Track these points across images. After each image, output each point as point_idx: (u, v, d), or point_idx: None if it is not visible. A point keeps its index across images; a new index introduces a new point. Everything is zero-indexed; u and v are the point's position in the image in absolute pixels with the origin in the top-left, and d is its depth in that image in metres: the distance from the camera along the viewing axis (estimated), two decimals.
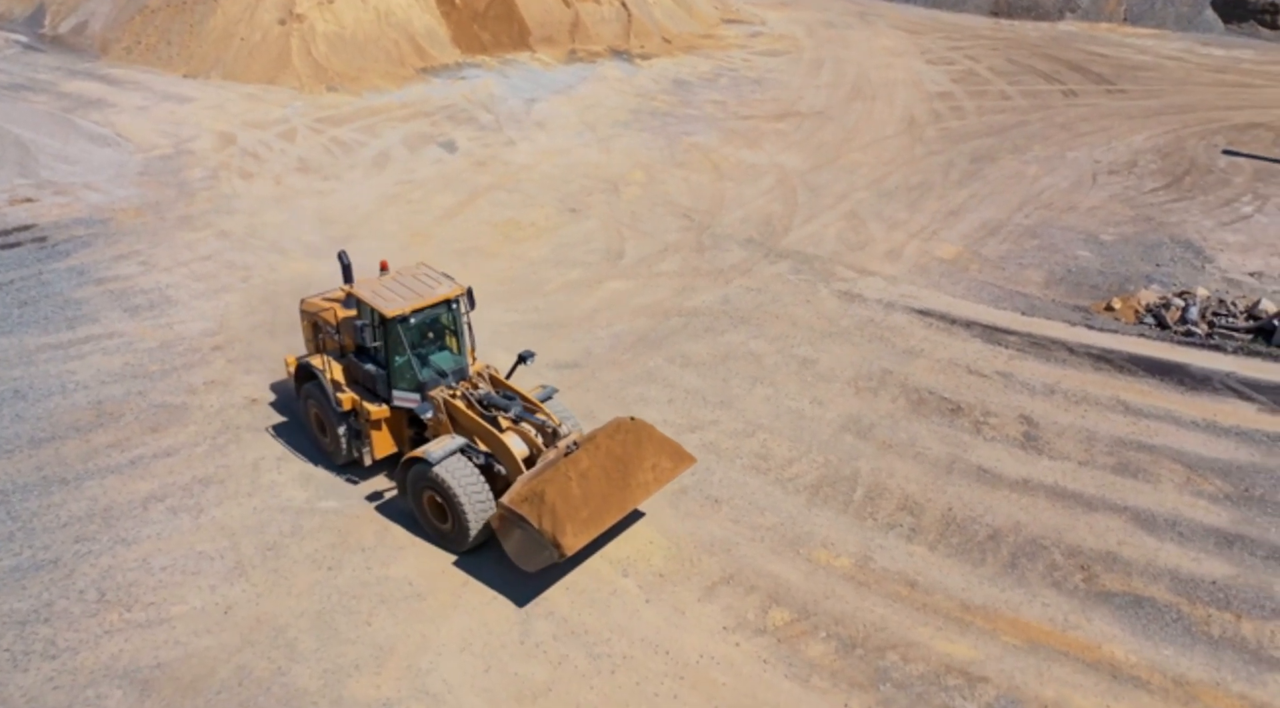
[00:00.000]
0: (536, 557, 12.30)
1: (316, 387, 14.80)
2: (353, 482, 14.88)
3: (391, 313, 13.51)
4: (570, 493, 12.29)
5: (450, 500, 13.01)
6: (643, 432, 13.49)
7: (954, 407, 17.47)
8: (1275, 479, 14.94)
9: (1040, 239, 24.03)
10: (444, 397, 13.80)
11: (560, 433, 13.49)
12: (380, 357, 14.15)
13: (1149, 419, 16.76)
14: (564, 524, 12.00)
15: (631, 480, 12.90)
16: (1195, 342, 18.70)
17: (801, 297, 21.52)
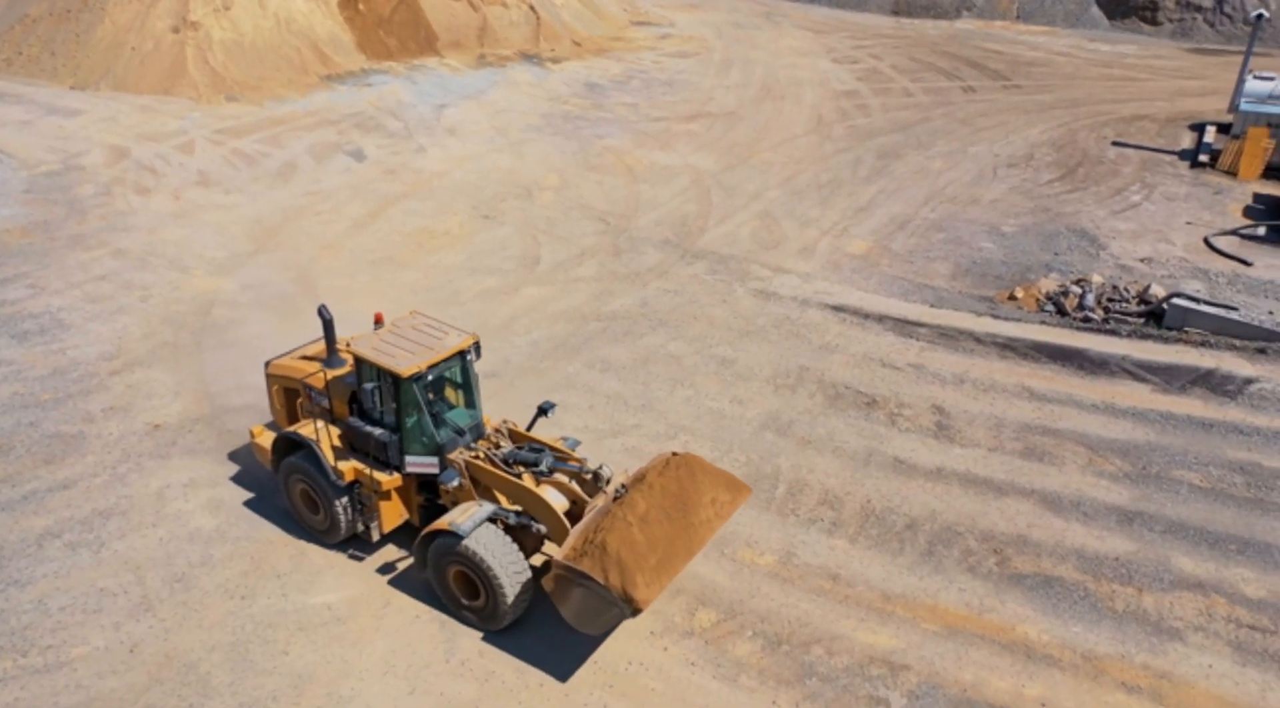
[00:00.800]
0: (603, 617, 11.05)
1: (306, 459, 13.04)
2: (357, 559, 13.44)
3: (407, 372, 11.99)
4: (634, 541, 10.97)
5: (484, 575, 11.77)
6: (694, 465, 12.26)
7: (869, 400, 17.84)
8: (1169, 456, 15.67)
9: (946, 232, 24.74)
10: (465, 459, 12.55)
11: (602, 476, 12.42)
12: (389, 420, 12.67)
13: (1052, 404, 17.40)
14: (633, 576, 10.67)
15: (693, 519, 11.63)
16: (1092, 327, 19.49)
17: (718, 297, 21.70)
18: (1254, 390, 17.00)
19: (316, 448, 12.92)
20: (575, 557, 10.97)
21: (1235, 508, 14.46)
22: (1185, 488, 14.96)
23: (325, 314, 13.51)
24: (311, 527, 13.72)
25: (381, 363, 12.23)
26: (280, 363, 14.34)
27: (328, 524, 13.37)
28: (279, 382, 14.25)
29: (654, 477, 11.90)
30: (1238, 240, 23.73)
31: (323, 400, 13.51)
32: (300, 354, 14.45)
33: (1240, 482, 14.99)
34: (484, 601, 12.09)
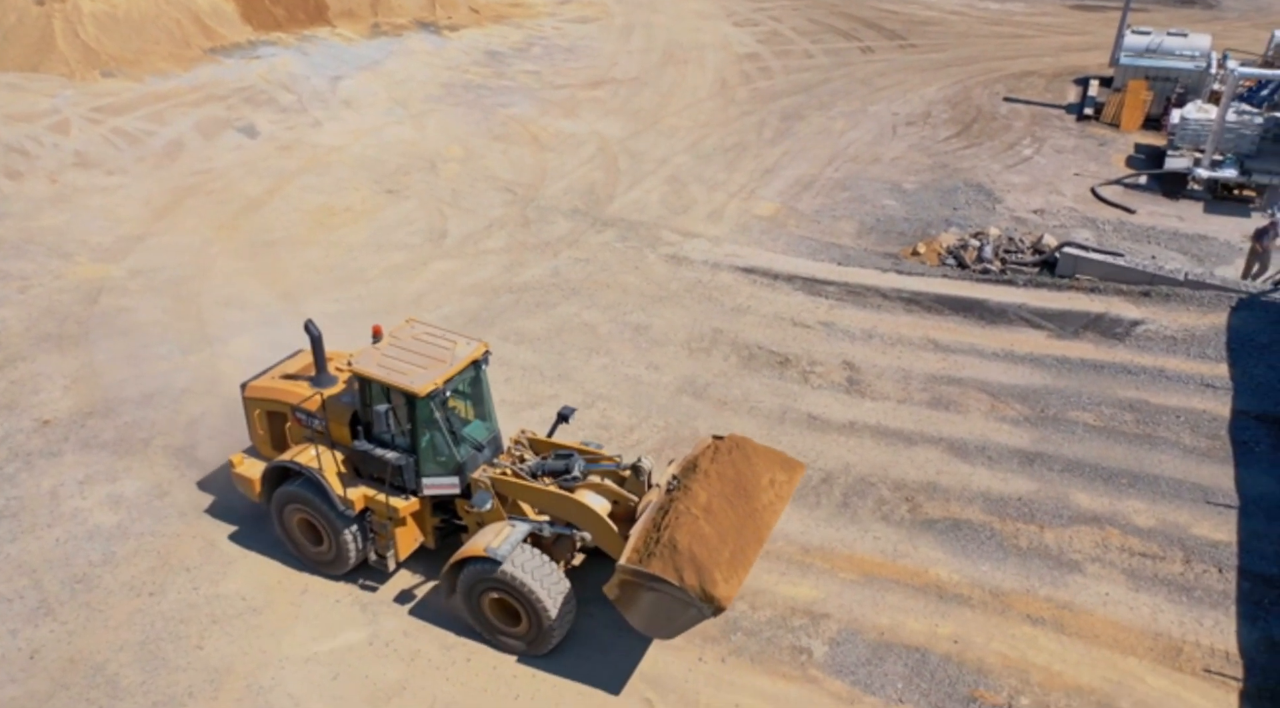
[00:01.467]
0: (678, 620, 10.29)
1: (306, 487, 12.05)
2: (370, 589, 12.58)
3: (424, 390, 11.08)
4: (703, 534, 10.23)
5: (527, 601, 11.08)
6: (746, 447, 11.66)
7: (782, 359, 18.13)
8: (1065, 399, 16.40)
9: (850, 191, 25.18)
10: (491, 476, 11.83)
11: (643, 468, 11.64)
12: (402, 442, 11.80)
13: (956, 354, 17.99)
14: (710, 573, 9.95)
15: (756, 504, 11.02)
16: (991, 278, 20.17)
17: (630, 264, 21.66)
18: (1140, 332, 17.89)
19: (319, 477, 11.91)
20: (641, 559, 10.16)
21: (1126, 444, 15.25)
22: (1080, 428, 15.69)
23: (313, 330, 12.22)
24: (312, 559, 12.65)
25: (394, 382, 11.21)
26: (260, 385, 13.01)
27: (333, 555, 12.38)
28: (260, 406, 12.91)
29: (707, 464, 11.18)
30: (1122, 189, 24.82)
31: (316, 423, 12.33)
32: (280, 373, 13.19)
33: (1130, 419, 15.80)
34: (527, 626, 11.35)
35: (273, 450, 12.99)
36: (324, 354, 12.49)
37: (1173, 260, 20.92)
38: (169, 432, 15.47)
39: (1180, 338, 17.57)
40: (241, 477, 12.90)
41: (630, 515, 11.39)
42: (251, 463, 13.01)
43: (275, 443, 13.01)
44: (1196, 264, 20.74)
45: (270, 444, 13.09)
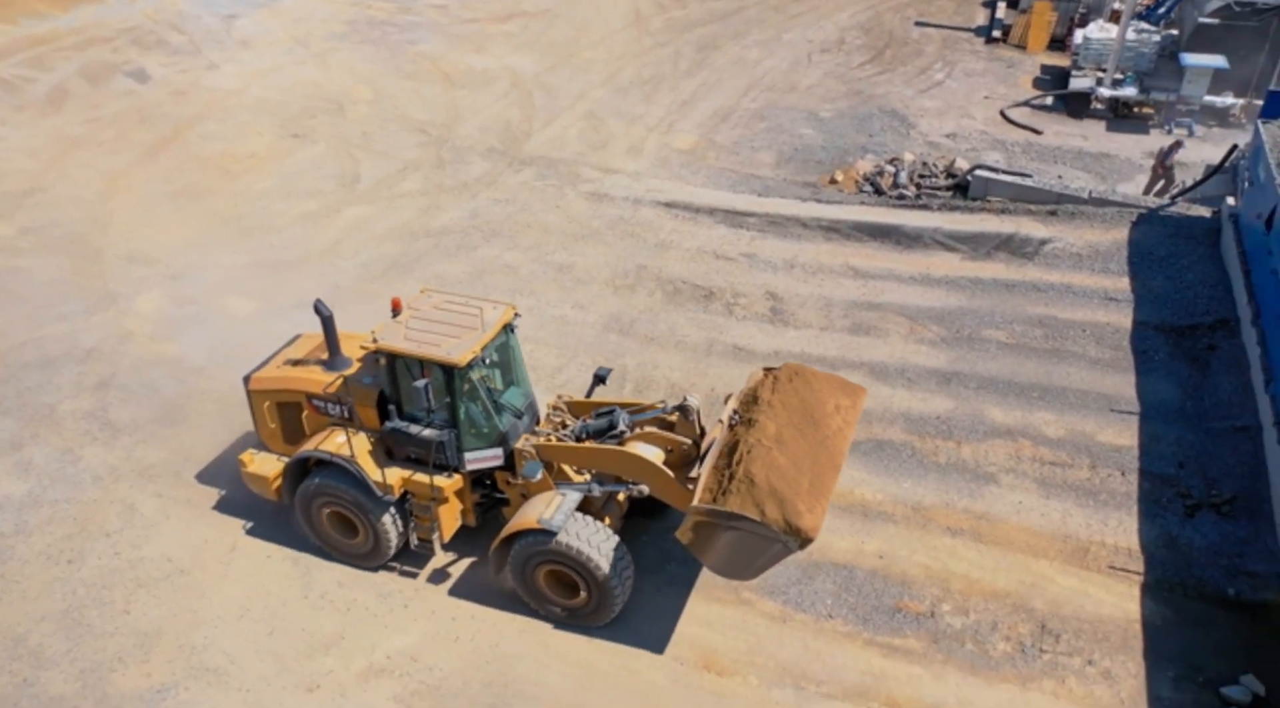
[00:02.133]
0: (761, 557, 9.79)
1: (335, 478, 11.39)
2: (410, 575, 11.99)
3: (463, 359, 10.53)
4: (779, 465, 9.74)
5: (585, 569, 10.73)
6: (806, 374, 11.13)
7: (707, 292, 18.22)
8: (978, 318, 16.90)
9: (768, 121, 25.13)
10: (535, 444, 11.32)
11: (690, 407, 11.17)
12: (439, 417, 11.22)
13: (875, 280, 18.32)
14: (793, 504, 9.44)
15: (825, 431, 10.52)
16: (907, 203, 20.51)
17: (550, 203, 21.36)
18: (1048, 250, 18.47)
19: (351, 465, 11.25)
20: (715, 499, 9.69)
21: (1036, 359, 15.84)
22: (994, 346, 16.23)
23: (323, 310, 11.49)
24: (347, 552, 12.01)
25: (429, 355, 10.65)
26: (267, 376, 12.14)
27: (370, 545, 11.76)
28: (270, 397, 12.02)
29: (769, 395, 10.69)
30: (1029, 111, 25.33)
31: (337, 410, 11.70)
32: (283, 360, 12.35)
33: (1040, 335, 16.38)
34: (586, 596, 11.03)
35: (286, 445, 12.19)
36: (336, 335, 11.78)
37: (1078, 179, 21.53)
38: (76, 395, 14.88)
39: (1085, 254, 18.20)
40: (256, 476, 11.98)
41: (686, 461, 11.06)
42: (264, 460, 12.15)
43: (289, 436, 12.16)
44: (1100, 182, 21.39)
45: (283, 438, 12.21)
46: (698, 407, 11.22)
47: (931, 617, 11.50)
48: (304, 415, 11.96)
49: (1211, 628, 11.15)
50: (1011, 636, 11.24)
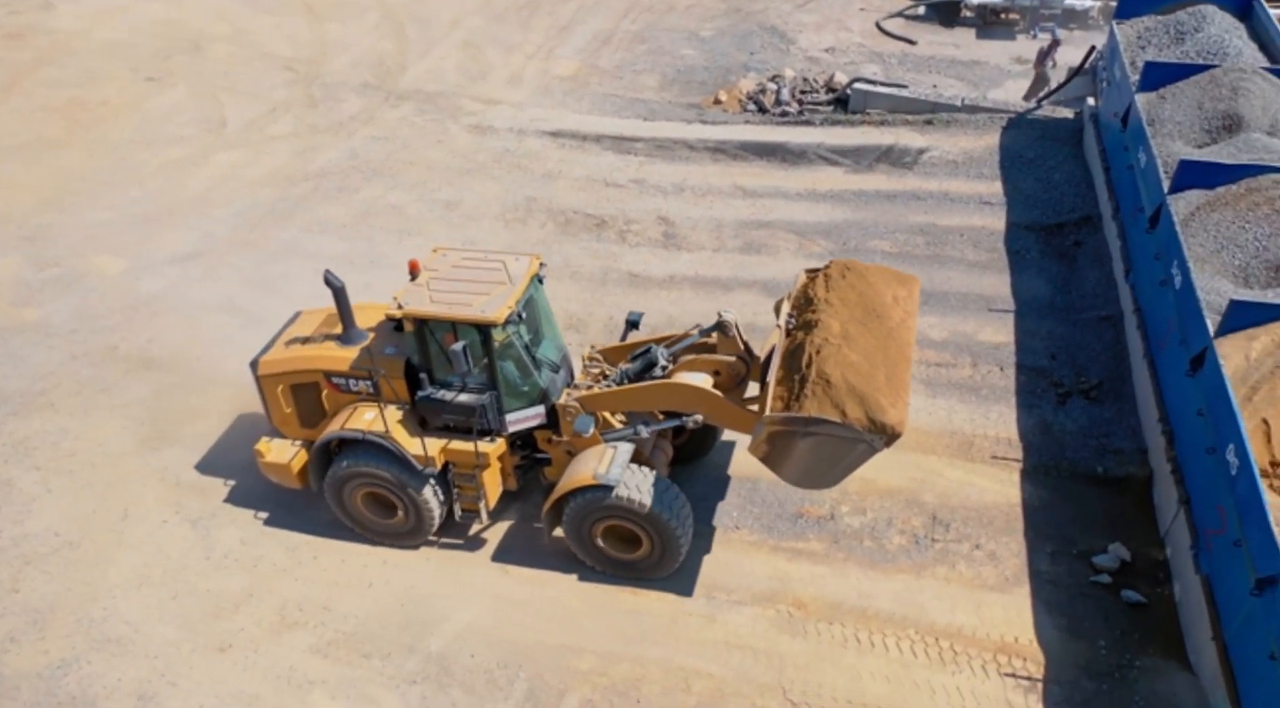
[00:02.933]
0: (844, 460, 9.25)
1: (367, 457, 10.91)
2: (451, 546, 11.57)
3: (500, 316, 10.03)
4: (852, 363, 9.11)
5: (647, 521, 10.49)
6: (857, 268, 10.43)
7: (599, 221, 18.12)
8: (864, 230, 17.33)
9: (649, 43, 24.78)
10: (579, 398, 10.79)
11: (728, 323, 10.59)
12: (475, 380, 10.74)
13: (763, 198, 18.53)
14: (875, 400, 8.85)
15: (889, 323, 9.91)
16: (790, 120, 20.67)
17: (432, 138, 20.72)
18: (925, 159, 18.97)
19: (388, 441, 10.76)
20: (788, 406, 9.06)
21: (919, 266, 16.37)
22: (879, 256, 16.69)
23: (334, 281, 10.87)
24: (384, 532, 11.60)
25: (461, 316, 10.15)
26: (276, 358, 11.40)
27: (412, 523, 11.39)
28: (283, 380, 11.31)
29: (824, 293, 10.08)
30: (904, 21, 25.63)
31: (359, 385, 11.12)
32: (288, 340, 11.64)
33: (921, 242, 16.94)
34: (648, 548, 10.82)
35: (303, 429, 11.58)
36: (349, 307, 11.16)
37: (952, 87, 22.04)
38: None
39: (960, 161, 18.79)
40: (275, 465, 11.38)
41: (737, 379, 10.73)
42: (281, 447, 11.51)
43: (306, 419, 11.51)
44: (972, 89, 21.95)
45: (300, 422, 11.56)
46: (734, 320, 10.68)
47: (831, 519, 12.04)
48: (323, 395, 11.30)
49: (1083, 504, 12.02)
50: (905, 529, 11.88)
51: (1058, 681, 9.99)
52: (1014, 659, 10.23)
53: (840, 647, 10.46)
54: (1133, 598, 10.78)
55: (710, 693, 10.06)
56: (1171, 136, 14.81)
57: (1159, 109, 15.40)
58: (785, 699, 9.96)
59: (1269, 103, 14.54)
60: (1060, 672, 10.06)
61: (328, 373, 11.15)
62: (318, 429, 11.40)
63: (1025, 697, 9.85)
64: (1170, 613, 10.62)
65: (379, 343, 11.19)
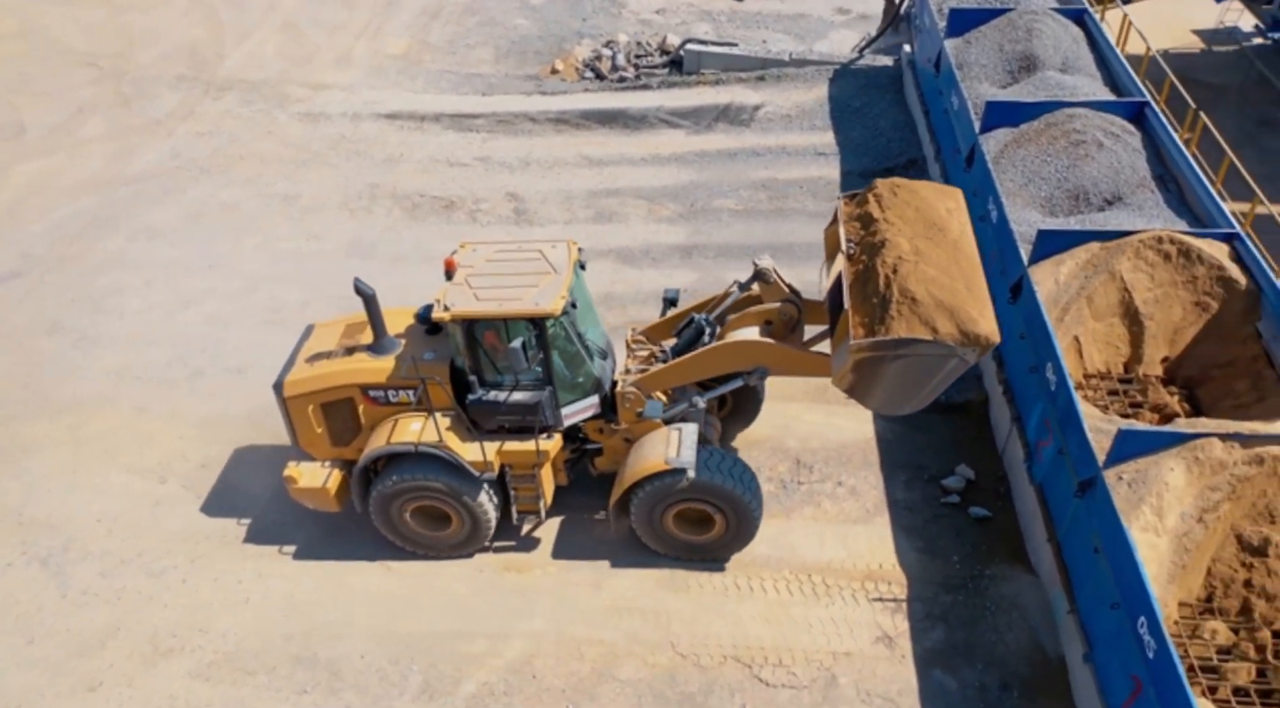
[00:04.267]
0: (935, 377, 8.81)
1: (416, 470, 10.49)
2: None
3: (557, 308, 9.73)
4: (932, 277, 8.67)
5: (724, 499, 10.44)
6: (904, 185, 9.90)
7: (447, 202, 17.86)
8: (708, 190, 17.75)
9: (479, 15, 24.32)
10: (637, 382, 10.55)
11: (764, 270, 10.30)
12: (530, 376, 10.35)
13: (609, 166, 18.67)
14: (964, 311, 8.42)
15: (951, 235, 9.43)
16: (628, 85, 20.83)
17: (261, 130, 19.82)
18: (761, 115, 19.54)
19: (442, 451, 10.34)
20: (874, 330, 8.56)
21: (764, 221, 16.97)
22: (726, 214, 17.18)
23: (365, 289, 10.22)
24: (437, 545, 11.22)
25: (516, 311, 9.78)
26: (301, 377, 10.71)
27: (466, 532, 11.01)
28: (312, 399, 10.69)
29: (881, 213, 9.54)
30: None
31: (399, 395, 10.59)
32: (309, 357, 10.96)
33: (764, 197, 17.51)
34: (723, 525, 10.75)
35: (335, 448, 11.04)
36: (381, 315, 10.52)
37: (780, 42, 22.67)
38: None
39: (794, 115, 19.45)
40: (311, 490, 10.83)
41: (791, 324, 10.49)
42: (313, 470, 10.96)
43: (337, 438, 10.98)
44: (799, 42, 22.65)
45: (331, 442, 11.01)
46: (770, 265, 10.40)
47: None
48: (360, 410, 10.79)
49: (930, 432, 12.89)
50: (773, 476, 12.44)
51: (920, 598, 10.80)
52: (880, 584, 10.98)
53: (722, 596, 10.95)
54: (979, 513, 11.72)
55: (603, 658, 10.37)
56: (979, 79, 15.79)
57: (965, 53, 16.36)
58: (675, 654, 10.38)
59: (1059, 41, 15.69)
60: (921, 590, 10.88)
61: (365, 386, 10.63)
62: (351, 447, 10.99)
63: (892, 618, 10.62)
64: (1012, 523, 11.61)
65: (415, 349, 10.72)
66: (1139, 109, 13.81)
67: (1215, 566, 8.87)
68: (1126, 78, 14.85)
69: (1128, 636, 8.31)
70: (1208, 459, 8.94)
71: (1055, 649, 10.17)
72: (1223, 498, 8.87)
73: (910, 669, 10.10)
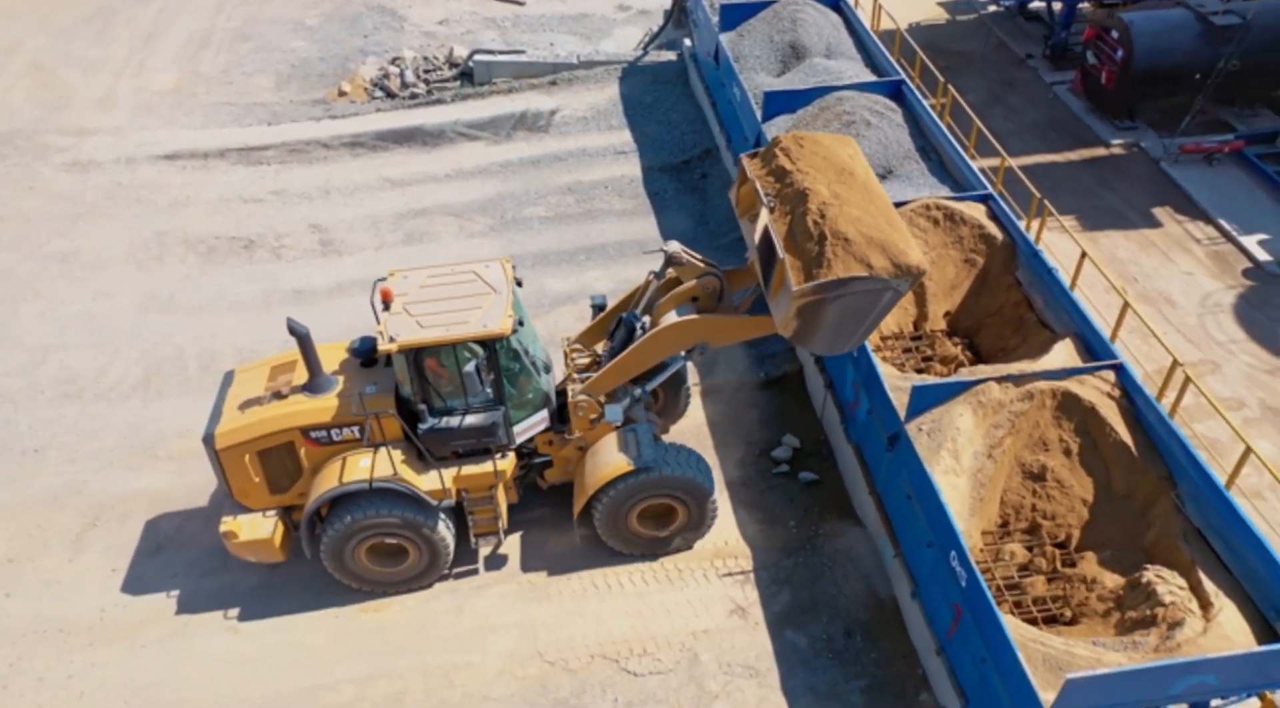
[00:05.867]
0: (871, 313, 9.28)
1: (370, 507, 10.36)
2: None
3: (507, 328, 9.98)
4: (857, 216, 9.10)
5: (686, 489, 10.95)
6: (805, 138, 10.27)
7: (246, 242, 17.14)
8: (516, 200, 17.90)
9: (252, 40, 23.27)
10: (583, 392, 10.87)
11: (673, 253, 10.47)
12: (480, 399, 10.44)
13: (413, 186, 18.44)
14: (892, 244, 8.93)
15: (859, 177, 9.83)
16: (421, 102, 20.57)
17: (21, 185, 18.29)
18: (558, 119, 19.84)
19: (398, 484, 10.33)
20: (813, 275, 8.90)
21: (575, 224, 17.31)
22: (536, 222, 17.39)
23: (299, 328, 10.05)
24: (393, 581, 11.15)
25: (465, 334, 9.93)
26: (234, 426, 10.36)
27: (423, 564, 11.03)
28: (248, 448, 10.36)
29: (793, 163, 9.88)
30: None
31: (343, 433, 10.47)
32: (239, 405, 10.60)
33: (572, 201, 17.84)
34: (685, 515, 11.27)
35: (273, 496, 10.77)
36: (316, 354, 10.40)
37: (567, 44, 22.99)
38: None
39: (589, 116, 19.86)
40: (254, 543, 10.57)
41: (717, 294, 10.75)
42: (253, 522, 10.66)
43: (276, 486, 10.72)
44: (585, 43, 23.07)
45: (270, 490, 10.73)
46: (678, 246, 10.64)
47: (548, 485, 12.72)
48: (301, 453, 10.56)
49: (756, 409, 13.69)
50: None
51: (765, 566, 11.53)
52: (728, 560, 11.63)
53: (582, 599, 11.27)
54: (808, 478, 12.59)
55: (473, 681, 10.47)
56: (755, 70, 16.71)
57: (740, 46, 17.27)
58: (544, 662, 10.62)
59: (821, 29, 16.85)
60: (765, 558, 11.61)
61: (306, 428, 10.42)
62: (291, 493, 10.80)
63: (742, 589, 11.29)
64: (838, 482, 12.56)
65: (355, 384, 10.57)
66: (897, 87, 15.09)
67: (1006, 495, 10.00)
68: (883, 59, 16.16)
69: (943, 569, 9.26)
70: (989, 401, 10.03)
71: (888, 592, 11.15)
72: (1005, 434, 9.99)
73: (764, 635, 10.79)
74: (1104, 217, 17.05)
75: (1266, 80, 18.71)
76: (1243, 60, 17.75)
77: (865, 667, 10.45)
